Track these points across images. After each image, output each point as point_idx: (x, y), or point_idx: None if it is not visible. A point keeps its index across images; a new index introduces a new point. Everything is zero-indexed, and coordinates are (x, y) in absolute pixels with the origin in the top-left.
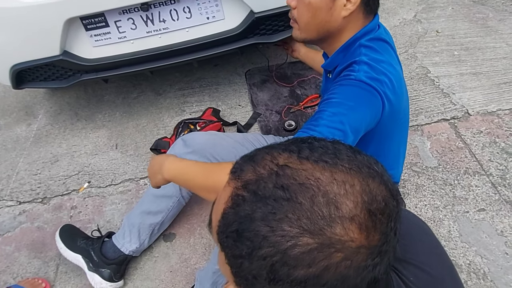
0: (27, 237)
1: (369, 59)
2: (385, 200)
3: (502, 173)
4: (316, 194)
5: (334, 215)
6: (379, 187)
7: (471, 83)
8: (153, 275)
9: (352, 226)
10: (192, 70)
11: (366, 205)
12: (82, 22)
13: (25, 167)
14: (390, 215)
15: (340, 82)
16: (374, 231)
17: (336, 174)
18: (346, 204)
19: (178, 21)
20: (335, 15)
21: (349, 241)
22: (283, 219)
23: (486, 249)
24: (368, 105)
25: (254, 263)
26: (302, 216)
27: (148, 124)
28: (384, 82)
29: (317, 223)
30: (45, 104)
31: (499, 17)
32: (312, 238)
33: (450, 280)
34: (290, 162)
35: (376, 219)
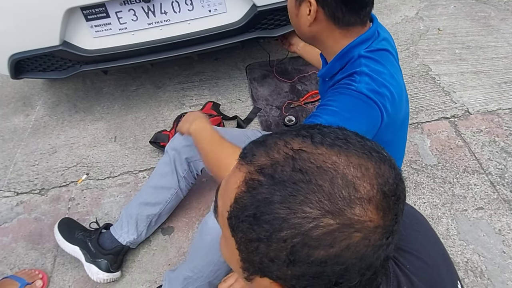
0: (25, 228)
1: (370, 70)
2: (395, 183)
3: (501, 172)
4: (335, 177)
5: (354, 197)
6: (390, 171)
7: (472, 82)
8: (151, 267)
9: (370, 206)
10: (191, 63)
11: (381, 187)
12: (82, 12)
13: (22, 158)
14: (400, 196)
15: (340, 90)
16: (389, 212)
17: (351, 158)
18: (364, 186)
19: (179, 13)
20: (302, 22)
21: (368, 221)
22: (304, 201)
23: (483, 247)
24: (365, 118)
25: (273, 245)
26: (323, 197)
27: (147, 117)
28: (384, 95)
29: (337, 204)
30: (43, 95)
31: (501, 16)
32: (333, 219)
33: (445, 268)
34: (305, 147)
35: (390, 200)
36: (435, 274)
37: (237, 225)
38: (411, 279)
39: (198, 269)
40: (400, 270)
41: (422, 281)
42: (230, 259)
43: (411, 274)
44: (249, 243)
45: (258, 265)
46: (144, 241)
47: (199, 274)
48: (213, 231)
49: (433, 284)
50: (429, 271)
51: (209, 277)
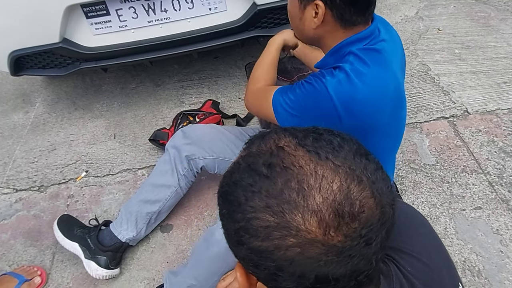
0: (23, 225)
1: (351, 69)
2: (363, 207)
3: (499, 172)
4: (291, 180)
5: (299, 203)
6: (362, 193)
7: (471, 82)
8: (149, 265)
9: (312, 219)
10: (191, 62)
11: (335, 205)
12: (82, 10)
13: (22, 155)
14: (365, 223)
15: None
16: (336, 231)
17: (319, 167)
18: (315, 197)
19: (180, 11)
20: (306, 25)
21: (304, 231)
22: (257, 193)
23: (481, 247)
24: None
25: (229, 223)
26: (271, 194)
27: (146, 115)
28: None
29: (280, 205)
30: (43, 92)
31: (500, 17)
32: (272, 216)
33: (446, 271)
34: (287, 146)
35: (343, 221)
36: (436, 277)
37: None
38: (412, 282)
39: (202, 278)
40: (401, 273)
41: (424, 283)
42: None
43: (413, 277)
44: (220, 215)
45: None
46: (143, 239)
47: (203, 282)
48: (221, 244)
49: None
50: (431, 274)
51: (213, 286)
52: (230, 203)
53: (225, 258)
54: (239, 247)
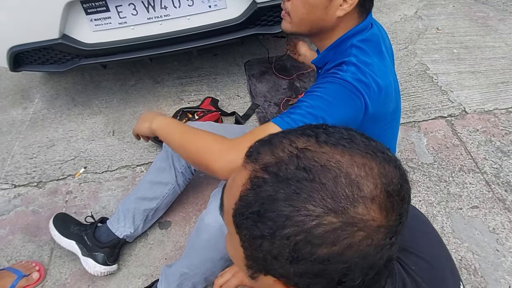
0: (22, 220)
1: (358, 61)
2: (400, 183)
3: (496, 172)
4: (338, 175)
5: (357, 195)
6: (394, 171)
7: (469, 82)
8: (147, 261)
9: (373, 206)
10: (190, 59)
11: (385, 187)
12: (82, 6)
13: (20, 151)
14: (405, 197)
15: (326, 78)
16: (392, 211)
17: (355, 157)
18: (367, 185)
19: (179, 8)
20: (330, 14)
21: (371, 220)
22: (307, 199)
23: (477, 245)
24: (348, 105)
25: (276, 242)
26: (326, 196)
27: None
28: (370, 86)
29: (340, 203)
30: (42, 88)
31: (499, 17)
32: (336, 217)
33: (449, 270)
34: (310, 146)
35: (394, 200)
36: (439, 276)
37: (241, 222)
38: (416, 280)
39: (195, 266)
40: (405, 271)
41: (427, 282)
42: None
43: (416, 276)
44: (253, 240)
45: (262, 263)
46: (141, 235)
47: (195, 271)
48: (210, 229)
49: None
50: (434, 273)
51: (205, 273)
52: (272, 220)
53: (215, 245)
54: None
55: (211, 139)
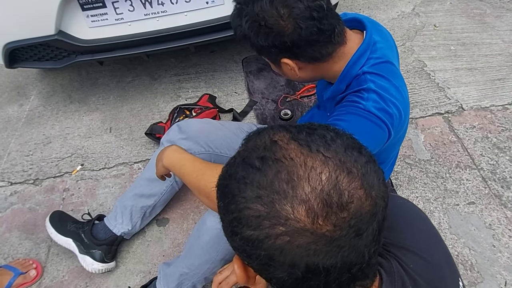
0: (19, 218)
1: (377, 87)
2: (352, 197)
3: (493, 168)
4: (281, 171)
5: (288, 193)
6: (351, 184)
7: (466, 78)
8: (145, 258)
9: (300, 208)
10: (188, 56)
11: (323, 194)
12: (78, 2)
13: (16, 148)
14: (354, 213)
15: (348, 108)
16: (324, 221)
17: (309, 159)
18: (303, 187)
19: (176, 4)
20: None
21: (293, 220)
22: (249, 184)
23: (474, 241)
24: (372, 138)
25: (224, 214)
26: (262, 186)
27: (142, 109)
28: (393, 115)
29: (270, 195)
30: (38, 85)
31: (496, 14)
32: (262, 206)
33: (447, 266)
34: (281, 140)
35: (331, 211)
36: (438, 273)
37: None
38: (415, 279)
39: (195, 267)
40: (404, 270)
41: (426, 280)
42: None
43: (415, 274)
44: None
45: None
46: (139, 232)
47: (195, 271)
48: (211, 231)
49: (436, 283)
50: (432, 270)
51: (205, 273)
52: (225, 195)
53: (216, 246)
54: (234, 238)
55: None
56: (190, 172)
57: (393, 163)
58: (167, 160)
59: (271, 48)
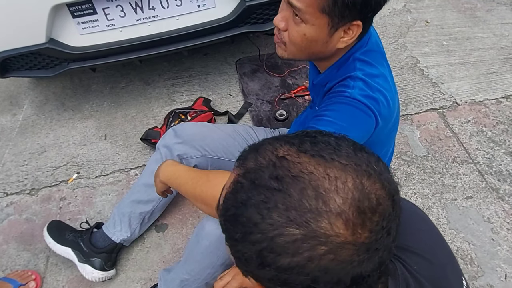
0: (16, 229)
1: (364, 74)
2: (379, 199)
3: (489, 162)
4: (306, 187)
5: (321, 209)
6: (374, 186)
7: (459, 73)
8: (145, 265)
9: (338, 221)
10: (181, 59)
11: (355, 202)
12: (69, 9)
13: (11, 158)
14: (383, 214)
15: (334, 98)
16: (362, 229)
17: (329, 170)
18: (335, 199)
19: (168, 8)
20: (330, 46)
21: (334, 235)
22: (273, 209)
23: (473, 235)
24: (361, 126)
25: (246, 247)
26: (290, 207)
27: (137, 114)
28: (379, 101)
29: (303, 215)
30: (30, 94)
31: (486, 8)
32: (297, 229)
33: (450, 266)
34: (289, 155)
35: (366, 217)
36: (441, 273)
37: (223, 223)
38: (419, 280)
39: (195, 272)
40: (408, 271)
41: (429, 281)
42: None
43: (419, 275)
44: (231, 241)
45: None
46: (138, 239)
47: (196, 277)
48: (211, 237)
49: (440, 284)
50: (436, 271)
51: (206, 279)
52: (242, 225)
53: (215, 251)
54: (264, 270)
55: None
56: (185, 181)
57: (389, 159)
58: (163, 175)
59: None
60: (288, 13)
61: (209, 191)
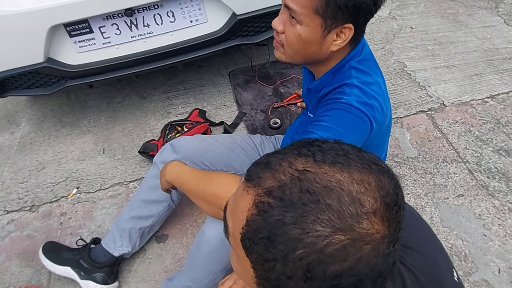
0: (17, 246)
1: (360, 82)
2: (395, 192)
3: (478, 160)
4: (341, 195)
5: (360, 212)
6: (389, 181)
7: (445, 76)
8: (147, 276)
9: (376, 219)
10: (176, 72)
11: (383, 199)
12: (66, 29)
13: (10, 176)
14: (401, 205)
15: (331, 105)
16: (392, 221)
17: (353, 174)
18: (368, 200)
19: (162, 25)
20: (324, 48)
21: (375, 233)
22: (315, 221)
23: (466, 232)
24: (357, 131)
25: (290, 264)
26: (332, 216)
27: (134, 128)
28: (374, 107)
29: (346, 221)
30: (28, 112)
31: (468, 12)
32: (344, 235)
33: (442, 260)
34: (309, 167)
35: (393, 210)
36: (434, 267)
37: (251, 246)
38: (414, 273)
39: (197, 279)
40: (402, 265)
41: (423, 274)
42: (244, 276)
43: (413, 268)
44: (265, 262)
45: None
46: (139, 251)
47: (198, 284)
48: (211, 242)
49: (433, 276)
50: (429, 264)
51: (208, 285)
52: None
53: (216, 257)
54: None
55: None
56: (189, 180)
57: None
58: (169, 175)
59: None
60: (285, 16)
61: (210, 190)
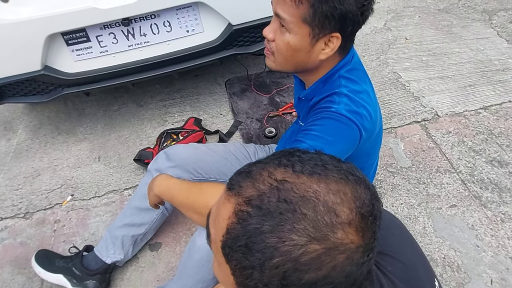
0: (10, 253)
1: (349, 91)
2: (371, 203)
3: (471, 170)
4: (317, 205)
5: (335, 222)
6: (365, 192)
7: (439, 87)
8: (140, 285)
9: (350, 229)
10: (172, 81)
11: (359, 210)
12: (63, 38)
13: (5, 183)
14: (376, 215)
15: (321, 114)
16: (367, 231)
17: (330, 185)
18: (343, 210)
19: (158, 34)
20: (313, 57)
21: (350, 243)
22: (292, 230)
23: (458, 242)
24: (346, 139)
25: (266, 272)
26: (308, 225)
27: (130, 136)
28: (363, 115)
29: (321, 231)
30: (25, 119)
31: (462, 24)
32: (319, 244)
33: (422, 267)
34: (288, 177)
35: (368, 221)
36: (414, 274)
37: (231, 254)
38: (392, 281)
39: (188, 287)
40: (382, 273)
41: (403, 281)
42: (225, 282)
43: (393, 276)
44: (244, 270)
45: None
46: (132, 259)
47: None
48: (202, 250)
49: (413, 284)
50: (409, 272)
51: None
52: (260, 252)
53: (207, 264)
54: None
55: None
56: (179, 193)
57: (375, 171)
58: (157, 189)
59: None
60: (275, 25)
61: (201, 201)
